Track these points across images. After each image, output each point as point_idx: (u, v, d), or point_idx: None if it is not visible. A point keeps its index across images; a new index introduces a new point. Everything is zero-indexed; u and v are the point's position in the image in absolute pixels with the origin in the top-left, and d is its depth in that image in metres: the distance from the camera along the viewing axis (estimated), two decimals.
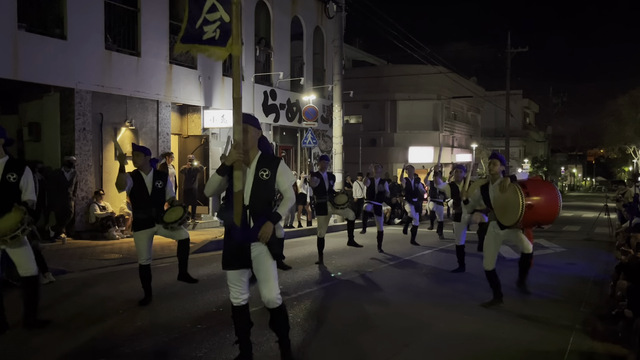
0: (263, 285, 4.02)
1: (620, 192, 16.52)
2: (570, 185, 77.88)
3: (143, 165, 6.13)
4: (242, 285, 4.08)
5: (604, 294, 7.18)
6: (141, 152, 6.20)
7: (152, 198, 6.13)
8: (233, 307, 4.12)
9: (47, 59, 10.78)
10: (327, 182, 9.38)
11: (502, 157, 6.44)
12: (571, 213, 25.69)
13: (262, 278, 4.01)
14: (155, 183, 6.14)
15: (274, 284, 4.03)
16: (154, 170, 6.28)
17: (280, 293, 4.10)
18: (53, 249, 9.73)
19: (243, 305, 4.11)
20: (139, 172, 6.15)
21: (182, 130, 14.90)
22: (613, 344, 4.98)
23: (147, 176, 6.16)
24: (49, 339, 4.99)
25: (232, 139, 4.04)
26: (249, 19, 16.24)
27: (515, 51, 32.11)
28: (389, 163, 28.22)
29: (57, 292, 6.81)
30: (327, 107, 19.61)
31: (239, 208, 3.94)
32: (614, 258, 9.46)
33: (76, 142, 11.44)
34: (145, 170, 6.15)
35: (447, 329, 5.56)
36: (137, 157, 6.12)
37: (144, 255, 6.18)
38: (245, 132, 3.95)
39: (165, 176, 6.35)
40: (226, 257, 4.06)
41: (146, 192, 6.09)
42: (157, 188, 6.14)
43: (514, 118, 38.61)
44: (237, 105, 3.95)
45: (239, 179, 3.92)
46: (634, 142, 39.68)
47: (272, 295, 4.02)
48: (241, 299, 4.09)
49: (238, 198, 3.94)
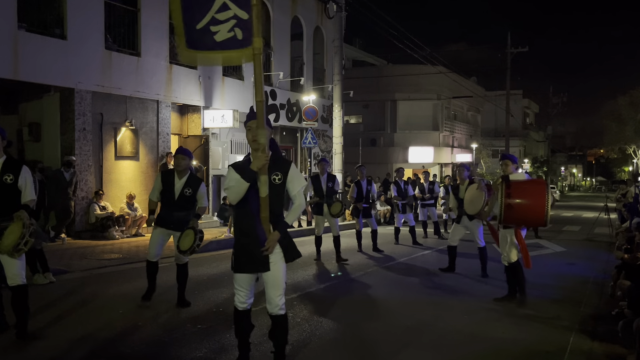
0: (274, 291, 3.92)
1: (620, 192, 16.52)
2: (570, 186, 77.89)
3: (183, 170, 6.02)
4: (250, 289, 4.01)
5: (604, 294, 7.18)
6: (186, 155, 6.10)
7: (177, 203, 6.00)
8: (238, 311, 4.03)
9: (47, 59, 10.78)
10: (325, 184, 9.76)
11: (511, 157, 6.54)
12: (571, 213, 25.69)
13: (273, 283, 3.92)
14: (185, 190, 5.98)
15: (283, 290, 3.98)
16: (190, 175, 6.11)
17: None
18: (53, 249, 9.73)
19: (247, 310, 4.05)
20: (173, 174, 6.05)
21: (182, 130, 14.90)
22: (613, 344, 4.98)
23: (179, 181, 6.02)
24: (49, 339, 4.99)
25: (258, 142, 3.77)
26: None
27: (515, 51, 32.12)
28: (389, 163, 28.20)
29: (57, 292, 6.81)
30: (327, 107, 19.62)
31: (266, 213, 3.81)
32: (614, 258, 9.46)
33: (76, 142, 11.44)
34: (181, 174, 6.03)
35: (447, 328, 5.56)
36: (182, 160, 6.02)
37: (152, 252, 6.15)
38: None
39: (198, 184, 6.11)
40: (240, 259, 3.91)
41: (172, 196, 6.00)
42: (185, 195, 5.99)
43: (514, 118, 38.61)
44: (260, 108, 3.79)
45: (265, 184, 3.77)
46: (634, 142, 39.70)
47: (282, 302, 3.95)
48: (247, 303, 4.02)
49: (265, 203, 3.79)
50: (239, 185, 3.74)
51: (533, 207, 5.98)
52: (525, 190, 6.11)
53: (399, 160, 28.98)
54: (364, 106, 30.28)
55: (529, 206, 6.01)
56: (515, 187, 6.07)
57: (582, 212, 26.25)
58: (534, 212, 6.00)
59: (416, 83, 29.60)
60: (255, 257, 3.87)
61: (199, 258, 9.64)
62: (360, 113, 31.05)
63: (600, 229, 16.18)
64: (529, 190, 6.12)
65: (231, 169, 3.86)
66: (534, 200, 5.99)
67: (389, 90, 29.94)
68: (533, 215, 6.05)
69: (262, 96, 3.82)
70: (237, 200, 3.79)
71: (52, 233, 10.78)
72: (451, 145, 32.13)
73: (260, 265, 3.89)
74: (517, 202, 5.99)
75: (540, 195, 5.97)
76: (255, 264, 3.90)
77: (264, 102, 3.87)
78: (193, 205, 6.11)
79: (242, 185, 3.74)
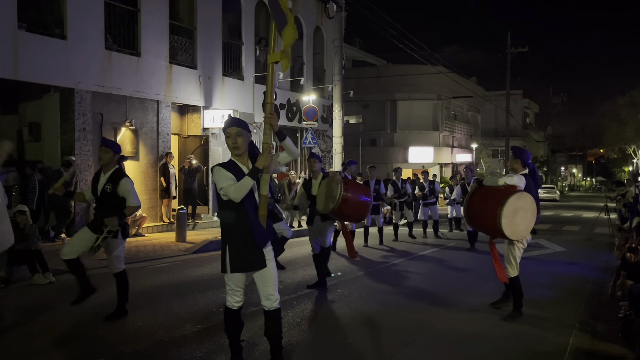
0: (271, 287, 4.03)
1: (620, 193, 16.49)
2: (570, 185, 77.91)
3: (107, 164, 5.46)
4: (244, 289, 4.09)
5: (604, 294, 7.17)
6: (109, 148, 5.50)
7: (100, 200, 5.47)
8: (231, 310, 4.09)
9: (47, 59, 10.78)
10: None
11: (518, 151, 6.08)
12: (571, 213, 25.69)
13: (269, 279, 4.02)
14: (106, 186, 5.39)
15: (277, 284, 4.11)
16: (115, 170, 5.49)
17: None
18: (53, 249, 9.70)
19: (240, 308, 4.12)
20: (99, 171, 5.58)
21: (182, 130, 14.90)
22: (613, 344, 4.98)
23: (104, 176, 5.47)
24: (49, 339, 4.99)
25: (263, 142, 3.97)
26: (249, 19, 16.25)
27: (516, 51, 32.12)
28: (389, 163, 28.19)
29: (57, 292, 6.81)
30: (327, 107, 19.61)
31: (265, 211, 3.94)
32: (614, 258, 9.45)
33: (76, 142, 11.44)
34: (106, 168, 5.48)
35: (447, 328, 5.56)
36: (105, 153, 5.45)
37: (64, 249, 5.57)
38: (241, 136, 3.93)
39: (119, 179, 5.41)
40: (239, 260, 3.94)
41: (96, 194, 5.48)
42: (106, 191, 5.38)
43: (514, 118, 38.61)
44: (269, 110, 3.98)
45: (266, 182, 3.92)
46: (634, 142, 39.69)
47: (277, 295, 4.08)
48: (241, 302, 4.10)
49: (264, 201, 3.94)
50: (245, 182, 3.80)
51: (487, 219, 5.63)
52: (485, 199, 5.77)
53: (399, 160, 28.98)
54: (364, 106, 30.29)
55: (483, 213, 5.73)
56: (479, 194, 5.85)
57: (582, 212, 26.25)
58: (489, 225, 5.64)
59: (416, 83, 29.60)
60: (253, 256, 3.93)
61: (200, 258, 9.65)
62: (360, 113, 31.06)
63: (600, 229, 16.17)
64: (487, 201, 5.71)
65: (220, 168, 3.90)
66: (487, 212, 5.61)
67: (388, 90, 29.94)
68: (492, 228, 5.62)
69: (271, 99, 3.98)
70: (241, 197, 3.81)
71: (52, 233, 10.79)
72: (451, 145, 32.13)
73: (257, 263, 3.96)
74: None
75: (493, 208, 5.47)
76: (253, 263, 3.96)
77: (272, 105, 4.02)
78: (121, 204, 5.43)
79: (247, 181, 3.80)
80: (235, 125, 3.94)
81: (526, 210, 5.60)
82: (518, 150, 6.04)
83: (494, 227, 5.52)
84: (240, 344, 4.21)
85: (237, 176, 3.85)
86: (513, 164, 5.95)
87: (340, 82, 17.35)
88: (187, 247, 10.75)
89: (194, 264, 9.07)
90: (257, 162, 3.83)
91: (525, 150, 6.17)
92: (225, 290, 4.10)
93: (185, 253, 10.24)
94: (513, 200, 5.48)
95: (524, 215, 5.59)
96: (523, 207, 5.57)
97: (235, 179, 3.83)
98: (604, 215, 16.60)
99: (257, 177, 3.86)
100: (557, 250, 11.75)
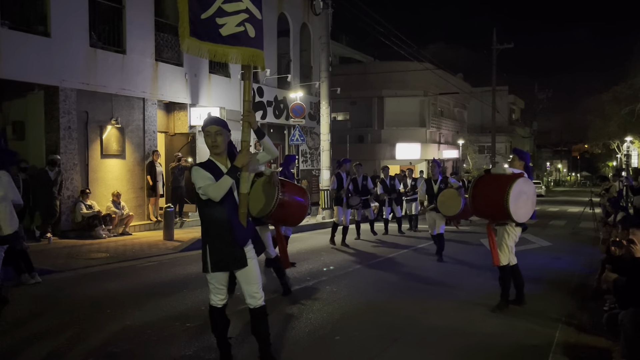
0: (254, 285, 4.03)
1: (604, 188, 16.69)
2: (556, 181, 78.72)
3: None
4: (226, 287, 4.09)
5: (589, 287, 7.26)
6: None
7: None
8: (217, 309, 4.09)
9: (31, 56, 10.64)
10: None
11: (519, 152, 6.34)
12: (557, 208, 25.98)
13: (252, 277, 4.02)
14: None
15: (261, 282, 4.10)
16: None
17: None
18: (39, 249, 9.63)
19: (224, 306, 4.12)
20: None
21: (168, 128, 14.81)
22: (599, 337, 5.05)
23: None
24: (36, 339, 4.94)
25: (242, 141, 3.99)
26: None
27: (501, 47, 32.37)
28: (377, 159, 28.27)
29: (43, 293, 6.74)
30: (314, 104, 19.60)
31: (245, 209, 3.93)
32: (599, 252, 9.58)
33: (61, 141, 11.32)
34: None
35: (435, 323, 5.60)
36: None
37: None
38: (220, 135, 3.91)
39: None
40: (219, 259, 3.93)
41: None
42: None
43: (500, 114, 38.89)
44: (247, 108, 3.97)
45: (246, 181, 3.90)
46: (618, 138, 40.13)
47: (262, 293, 4.07)
48: (225, 300, 4.10)
49: (244, 199, 3.92)
50: (224, 181, 3.78)
51: (493, 200, 5.80)
52: (492, 183, 5.99)
53: (387, 157, 29.07)
54: (351, 103, 30.32)
55: (491, 199, 5.88)
56: (485, 179, 6.10)
57: (567, 207, 26.55)
58: (495, 205, 5.77)
59: (403, 80, 29.70)
60: (234, 255, 3.93)
61: (187, 256, 9.61)
62: (348, 110, 31.10)
63: (585, 224, 16.37)
64: (495, 183, 5.93)
65: (199, 168, 3.89)
66: (495, 193, 5.78)
67: (376, 87, 30.01)
68: (496, 208, 5.78)
69: (249, 97, 3.97)
70: (221, 196, 3.80)
71: (37, 233, 10.68)
72: (438, 142, 32.28)
73: (239, 262, 3.95)
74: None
75: (502, 188, 5.68)
76: (234, 262, 3.95)
77: (250, 103, 4.02)
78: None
79: (226, 180, 3.79)
80: (215, 124, 3.91)
81: (528, 197, 5.90)
82: (521, 153, 6.39)
83: (500, 204, 5.68)
84: (228, 342, 4.21)
85: (215, 176, 3.83)
86: (515, 163, 6.22)
87: (328, 79, 17.34)
88: (174, 245, 10.70)
89: (181, 262, 9.04)
90: (235, 161, 3.83)
91: (527, 153, 6.58)
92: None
93: (173, 251, 10.20)
94: (520, 182, 5.77)
95: (526, 201, 5.87)
96: (526, 193, 5.87)
97: (214, 179, 3.81)
98: (589, 210, 16.81)
99: (236, 176, 3.84)
100: (543, 244, 11.87)
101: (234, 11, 3.78)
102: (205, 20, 3.74)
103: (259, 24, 3.88)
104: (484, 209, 6.14)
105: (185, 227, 13.50)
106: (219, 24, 3.77)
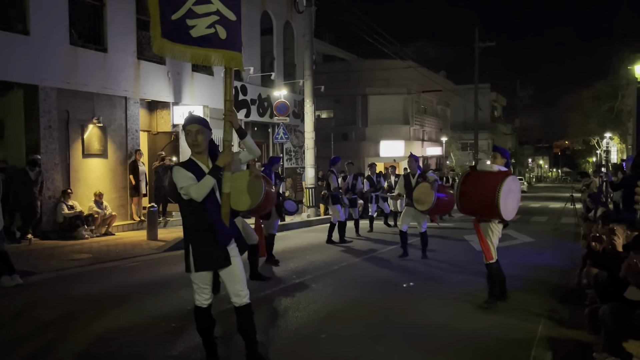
0: (239, 284, 4.01)
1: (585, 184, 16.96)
2: (538, 177, 79.78)
3: None
4: (210, 286, 4.06)
5: (571, 282, 7.37)
6: None
7: None
8: (201, 309, 4.06)
9: (9, 55, 10.47)
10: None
11: (501, 150, 6.48)
12: (539, 204, 26.30)
13: (236, 276, 4.00)
14: None
15: (245, 280, 4.08)
16: None
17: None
18: (19, 250, 9.49)
19: (209, 306, 4.10)
20: None
21: (151, 126, 14.68)
22: (580, 331, 5.12)
23: None
24: (17, 341, 4.87)
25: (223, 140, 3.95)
26: None
27: (483, 45, 32.61)
28: (361, 157, 28.34)
29: (24, 294, 6.65)
30: (298, 102, 19.58)
31: (227, 209, 3.91)
32: (580, 247, 9.72)
33: (42, 140, 11.15)
34: None
35: (420, 320, 5.63)
36: None
37: None
38: (201, 134, 3.88)
39: None
40: (203, 259, 3.91)
41: None
42: None
43: (483, 111, 39.22)
44: (228, 107, 3.95)
45: (228, 181, 3.88)
46: (597, 134, 40.75)
47: (247, 291, 4.06)
48: (210, 300, 4.08)
49: (226, 199, 3.90)
50: (206, 181, 3.77)
51: (483, 197, 5.85)
52: (480, 180, 6.05)
53: (371, 154, 29.16)
54: (335, 101, 30.35)
55: (480, 196, 5.92)
56: (473, 176, 6.15)
57: (549, 202, 26.89)
58: (485, 202, 5.83)
59: (386, 78, 29.82)
60: (217, 254, 3.91)
61: (171, 256, 9.53)
62: (332, 108, 31.13)
63: (566, 219, 16.59)
64: (484, 181, 5.99)
65: (180, 167, 3.86)
66: (484, 191, 5.84)
67: (359, 85, 30.10)
68: (486, 206, 5.83)
69: (230, 96, 3.96)
70: (203, 196, 3.78)
71: (18, 234, 10.51)
72: (421, 139, 32.48)
73: (222, 261, 3.94)
74: (470, 191, 6.06)
75: (492, 186, 5.74)
76: (217, 261, 3.93)
77: (232, 103, 4.01)
78: None
79: (208, 180, 3.77)
80: (195, 123, 3.88)
81: (514, 195, 6.02)
82: (503, 150, 6.54)
83: (490, 201, 5.73)
84: (214, 341, 4.19)
85: (197, 175, 3.80)
86: (498, 160, 6.33)
87: (311, 77, 17.33)
88: (158, 245, 10.62)
89: (166, 262, 8.97)
90: (217, 161, 3.81)
91: (507, 150, 6.78)
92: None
93: (157, 251, 10.12)
94: (510, 181, 5.87)
95: (513, 199, 5.98)
96: (513, 191, 5.98)
97: (196, 179, 3.78)
98: (570, 206, 17.05)
99: (218, 176, 3.82)
100: (525, 240, 12.01)
101: (204, 13, 3.77)
102: (176, 22, 3.74)
103: (232, 25, 3.84)
104: (471, 206, 6.16)
105: (169, 227, 13.41)
106: (189, 25, 3.75)
